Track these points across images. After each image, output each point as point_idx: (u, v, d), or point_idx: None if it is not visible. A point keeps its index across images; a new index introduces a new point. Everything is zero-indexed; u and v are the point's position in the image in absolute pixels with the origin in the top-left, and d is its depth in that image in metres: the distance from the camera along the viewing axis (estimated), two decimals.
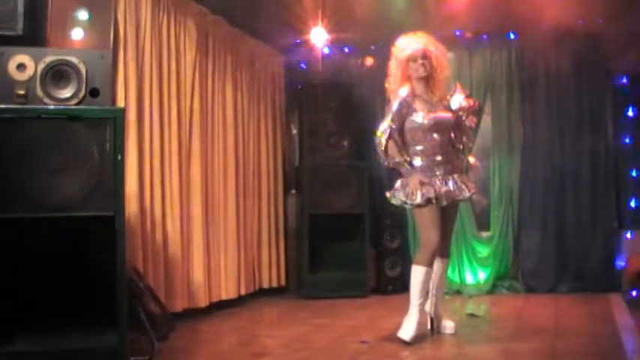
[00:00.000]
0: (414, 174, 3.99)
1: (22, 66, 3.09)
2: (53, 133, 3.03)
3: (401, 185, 4.07)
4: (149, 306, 3.79)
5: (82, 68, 3.15)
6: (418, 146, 4.06)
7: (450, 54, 4.45)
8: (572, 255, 5.89)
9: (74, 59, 3.14)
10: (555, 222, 5.94)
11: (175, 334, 4.07)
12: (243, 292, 5.56)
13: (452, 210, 4.15)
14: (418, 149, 4.06)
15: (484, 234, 6.19)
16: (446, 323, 4.22)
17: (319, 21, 5.61)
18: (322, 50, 6.26)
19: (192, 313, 4.75)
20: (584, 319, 4.64)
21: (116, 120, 3.11)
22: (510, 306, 5.32)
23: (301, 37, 5.96)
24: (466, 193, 4.06)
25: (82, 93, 3.15)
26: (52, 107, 3.09)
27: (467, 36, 6.13)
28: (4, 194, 2.96)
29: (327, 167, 5.99)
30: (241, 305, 5.46)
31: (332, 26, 5.74)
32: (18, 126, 3.00)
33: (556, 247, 5.92)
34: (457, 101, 4.17)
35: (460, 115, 4.15)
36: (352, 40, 6.25)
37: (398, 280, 5.97)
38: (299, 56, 6.43)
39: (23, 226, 3.03)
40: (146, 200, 4.38)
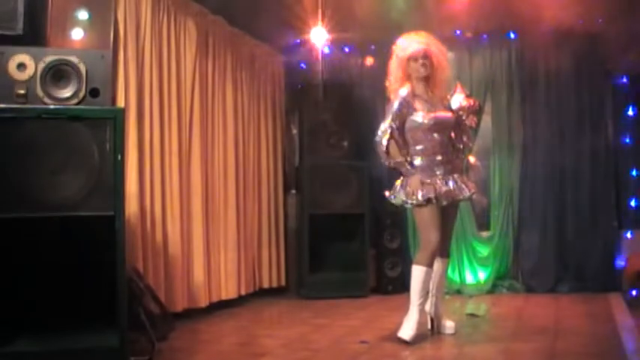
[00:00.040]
0: (415, 174, 3.99)
1: (22, 66, 3.09)
2: (53, 133, 3.03)
3: (401, 185, 4.07)
4: (149, 306, 3.79)
5: (82, 68, 3.15)
6: (418, 146, 4.06)
7: (450, 54, 4.45)
8: (572, 255, 5.89)
9: (74, 59, 3.14)
10: (555, 222, 5.94)
11: (175, 334, 4.07)
12: (243, 292, 5.56)
13: (452, 210, 4.15)
14: (418, 149, 4.06)
15: (484, 234, 6.19)
16: (446, 323, 4.21)
17: (319, 21, 5.61)
18: (322, 50, 6.26)
19: (192, 313, 4.76)
20: (584, 319, 4.64)
21: (116, 120, 3.11)
22: (510, 306, 5.32)
23: (301, 37, 5.97)
24: (466, 193, 4.06)
25: (82, 93, 3.15)
26: (52, 107, 3.09)
27: (467, 36, 6.13)
28: (4, 194, 2.96)
29: (327, 167, 5.98)
30: (241, 305, 5.46)
31: (332, 26, 5.74)
32: (18, 126, 3.00)
33: (556, 247, 5.92)
34: (457, 101, 4.17)
35: (460, 115, 4.14)
36: (352, 40, 6.25)
37: (398, 280, 5.98)
38: (299, 56, 6.44)
39: (23, 226, 3.03)
40: (146, 200, 4.38)
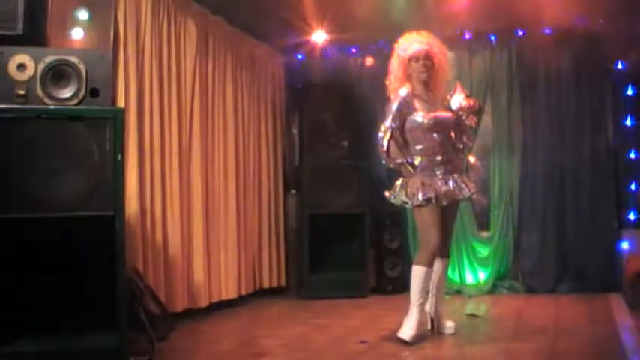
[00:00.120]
0: (415, 175, 3.99)
1: (23, 66, 3.09)
2: (53, 133, 3.04)
3: (401, 185, 4.07)
4: (149, 306, 3.80)
5: (82, 68, 3.15)
6: (418, 146, 4.06)
7: (450, 54, 4.44)
8: (572, 255, 5.88)
9: (74, 59, 3.15)
10: (555, 222, 5.93)
11: (175, 334, 4.07)
12: (243, 292, 5.56)
13: (452, 210, 4.15)
14: (418, 149, 4.06)
15: (484, 234, 6.19)
16: (446, 323, 4.21)
17: (319, 21, 5.62)
18: (322, 50, 6.26)
19: (192, 313, 4.75)
20: (584, 319, 4.64)
21: (116, 120, 3.12)
22: (510, 306, 5.32)
23: (301, 37, 5.97)
24: (466, 193, 4.06)
25: (82, 93, 3.15)
26: (52, 107, 3.09)
27: (467, 36, 6.13)
28: (4, 194, 2.96)
29: (327, 167, 5.98)
30: (241, 305, 5.46)
31: (332, 26, 5.75)
32: (18, 126, 3.01)
33: (556, 247, 5.92)
34: (457, 101, 4.16)
35: (460, 115, 4.14)
36: (352, 40, 6.25)
37: (398, 280, 5.98)
38: (299, 56, 6.44)
39: (23, 226, 3.03)
40: (146, 200, 4.38)
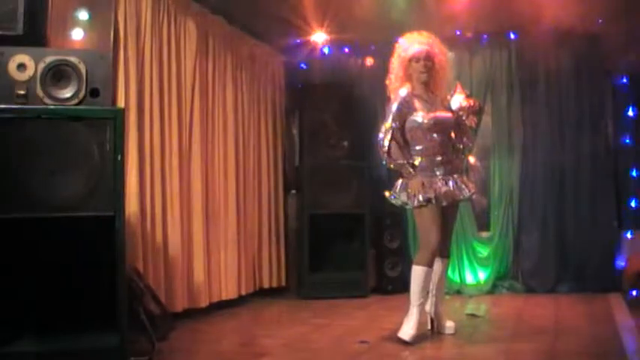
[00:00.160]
0: (416, 176, 3.99)
1: (23, 66, 3.09)
2: (53, 133, 3.04)
3: (401, 186, 4.07)
4: (149, 306, 3.79)
5: (82, 68, 3.15)
6: (418, 146, 4.06)
7: (450, 54, 4.45)
8: (572, 255, 5.88)
9: (74, 59, 3.14)
10: (555, 222, 5.94)
11: (175, 334, 4.07)
12: (243, 292, 5.56)
13: (452, 210, 4.15)
14: (418, 149, 4.06)
15: (484, 234, 6.19)
16: (446, 323, 4.21)
17: (319, 21, 5.62)
18: (322, 50, 6.26)
19: (192, 313, 4.75)
20: (584, 319, 4.64)
21: (116, 120, 3.12)
22: (510, 306, 5.32)
23: (301, 37, 5.97)
24: (466, 193, 4.06)
25: (82, 93, 3.15)
26: (52, 107, 3.09)
27: (467, 36, 6.13)
28: (4, 194, 2.96)
29: (327, 167, 5.98)
30: (241, 305, 5.46)
31: (332, 26, 5.75)
32: (18, 126, 3.00)
33: (556, 247, 5.92)
34: (457, 101, 4.16)
35: (460, 115, 4.14)
36: (352, 40, 6.25)
37: (398, 280, 5.97)
38: (299, 56, 6.44)
39: (23, 226, 3.03)
40: (146, 200, 4.38)
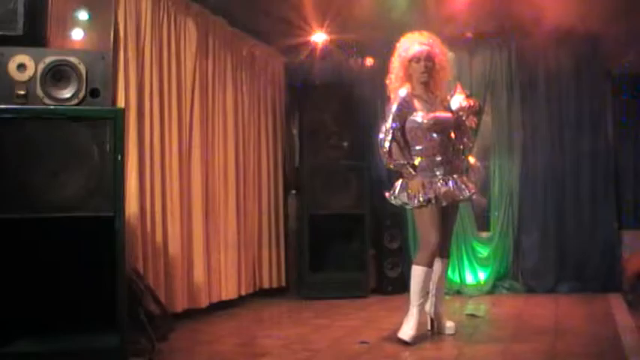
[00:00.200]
0: (416, 176, 3.98)
1: (23, 66, 3.09)
2: (53, 133, 3.04)
3: (401, 186, 4.07)
4: (149, 306, 3.79)
5: (82, 68, 3.15)
6: (418, 146, 4.05)
7: (451, 54, 4.44)
8: (572, 255, 5.88)
9: (74, 59, 3.15)
10: (555, 222, 5.93)
11: (175, 335, 4.07)
12: (243, 293, 5.55)
13: (452, 210, 4.15)
14: (418, 149, 4.05)
15: (484, 234, 6.19)
16: (446, 323, 4.21)
17: (319, 21, 5.61)
18: (322, 50, 6.26)
19: (192, 314, 4.75)
20: (584, 319, 4.64)
21: (116, 120, 3.12)
22: (510, 306, 5.32)
23: (302, 37, 5.96)
24: (466, 194, 4.05)
25: (82, 93, 3.15)
26: (52, 107, 3.09)
27: (467, 36, 6.12)
28: (4, 194, 2.96)
29: (327, 167, 5.98)
30: (241, 306, 5.46)
31: (332, 26, 5.74)
32: (18, 126, 3.01)
33: (556, 247, 5.92)
34: (457, 101, 4.16)
35: (460, 116, 4.14)
36: (352, 40, 6.25)
37: (398, 281, 5.97)
38: (299, 56, 6.43)
39: (23, 226, 3.03)
40: (146, 200, 4.38)
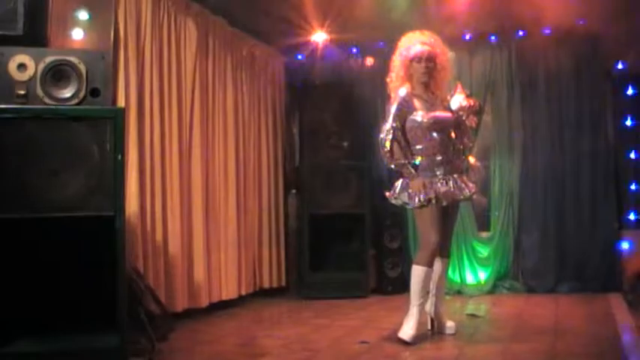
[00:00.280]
0: (417, 177, 3.98)
1: (23, 66, 3.09)
2: (53, 133, 3.04)
3: (402, 186, 4.07)
4: (149, 306, 3.79)
5: (83, 68, 3.15)
6: (418, 145, 4.05)
7: (451, 54, 4.44)
8: (572, 255, 5.88)
9: (74, 59, 3.15)
10: (555, 222, 5.93)
11: (175, 335, 4.07)
12: (243, 293, 5.56)
13: (452, 210, 4.15)
14: (418, 148, 4.05)
15: (484, 234, 6.19)
16: (446, 323, 4.21)
17: (319, 21, 5.62)
18: (322, 50, 6.26)
19: (192, 313, 4.75)
20: (584, 319, 4.64)
21: (116, 120, 3.12)
22: (510, 306, 5.32)
23: (302, 37, 5.97)
24: (466, 193, 4.04)
25: (83, 93, 3.15)
26: (53, 107, 3.09)
27: (467, 36, 6.13)
28: (5, 194, 2.96)
29: (327, 167, 5.98)
30: (242, 305, 5.46)
31: (333, 26, 5.74)
32: (18, 126, 3.01)
33: (556, 247, 5.92)
34: (457, 101, 4.16)
35: (460, 115, 4.14)
36: (352, 40, 6.25)
37: (398, 281, 5.97)
38: (299, 56, 6.44)
39: (23, 226, 3.03)
40: (146, 200, 4.38)
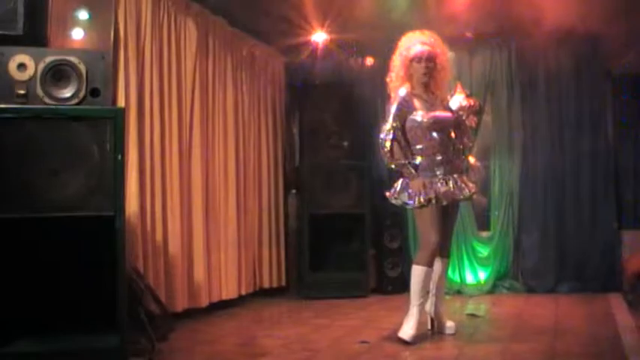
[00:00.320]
0: (417, 177, 3.98)
1: (23, 66, 3.09)
2: (53, 133, 3.04)
3: (402, 186, 4.07)
4: (149, 306, 3.79)
5: (83, 68, 3.15)
6: (418, 145, 4.05)
7: (451, 54, 4.44)
8: (572, 255, 5.88)
9: (74, 59, 3.15)
10: (555, 222, 5.94)
11: (175, 334, 4.07)
12: (243, 292, 5.56)
13: (452, 210, 4.15)
14: (418, 148, 4.05)
15: (484, 234, 6.19)
16: (446, 323, 4.21)
17: (320, 21, 5.61)
18: (322, 50, 6.26)
19: (192, 313, 4.75)
20: (584, 319, 4.64)
21: (116, 120, 3.12)
22: (510, 306, 5.32)
23: (302, 37, 5.97)
24: (466, 193, 4.04)
25: (83, 93, 3.15)
26: (53, 107, 3.10)
27: (467, 36, 6.12)
28: (5, 194, 2.96)
29: (327, 167, 5.99)
30: (242, 305, 5.46)
31: (333, 26, 5.74)
32: (18, 126, 3.01)
33: (556, 247, 5.92)
34: (457, 101, 4.16)
35: (460, 115, 4.14)
36: (352, 40, 6.24)
37: (398, 280, 5.97)
38: (299, 56, 6.43)
39: (23, 226, 3.03)
40: (146, 200, 4.38)
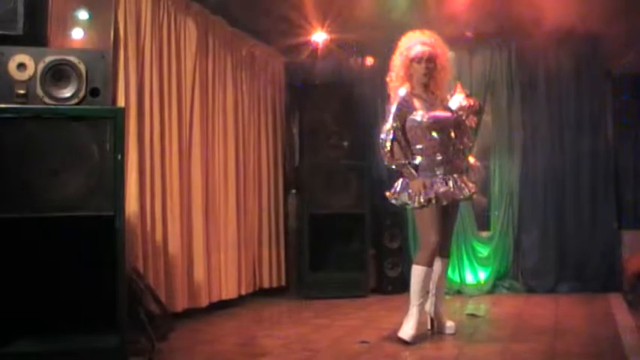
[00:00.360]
0: (418, 177, 3.98)
1: (22, 66, 3.09)
2: (53, 133, 3.04)
3: (402, 186, 4.07)
4: (149, 306, 3.79)
5: (82, 68, 3.15)
6: (418, 145, 4.05)
7: (451, 54, 4.44)
8: (572, 255, 5.88)
9: (74, 59, 3.15)
10: (555, 222, 5.94)
11: (175, 334, 4.07)
12: (243, 292, 5.56)
13: (452, 210, 4.15)
14: (418, 148, 4.05)
15: (484, 234, 6.19)
16: (446, 323, 4.21)
17: (320, 21, 5.61)
18: (322, 50, 6.25)
19: (192, 313, 4.75)
20: (584, 319, 4.64)
21: (116, 120, 3.12)
22: (510, 306, 5.32)
23: (302, 37, 5.97)
24: (466, 193, 4.04)
25: (82, 93, 3.15)
26: (52, 107, 3.10)
27: (467, 36, 6.12)
28: (5, 194, 2.96)
29: (327, 167, 5.99)
30: (241, 305, 5.46)
31: (333, 26, 5.74)
32: (18, 125, 3.01)
33: (556, 247, 5.92)
34: (457, 101, 4.16)
35: (460, 115, 4.14)
36: (352, 40, 6.24)
37: (398, 280, 5.97)
38: (299, 56, 6.43)
39: (23, 226, 3.03)
40: (146, 200, 4.38)
